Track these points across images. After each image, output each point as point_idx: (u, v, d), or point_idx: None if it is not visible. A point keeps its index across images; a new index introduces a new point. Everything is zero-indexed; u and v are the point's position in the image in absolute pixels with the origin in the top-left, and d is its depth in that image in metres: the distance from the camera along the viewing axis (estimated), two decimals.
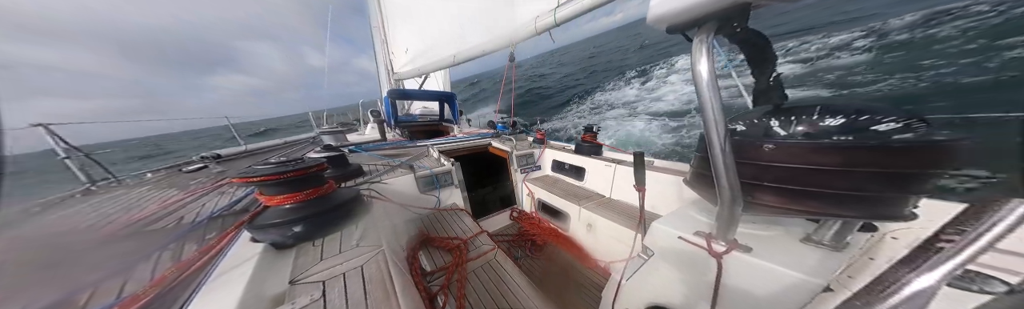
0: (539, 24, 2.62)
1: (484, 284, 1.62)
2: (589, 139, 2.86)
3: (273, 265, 1.14)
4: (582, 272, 2.38)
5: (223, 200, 2.09)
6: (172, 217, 1.86)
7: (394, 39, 6.13)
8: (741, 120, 0.81)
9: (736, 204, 0.74)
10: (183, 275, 1.06)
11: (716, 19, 0.65)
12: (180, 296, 0.99)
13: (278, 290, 1.01)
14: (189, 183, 2.70)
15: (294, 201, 1.28)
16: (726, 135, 0.68)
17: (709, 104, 0.67)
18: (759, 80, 0.82)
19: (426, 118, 5.88)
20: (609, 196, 2.61)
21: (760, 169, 0.71)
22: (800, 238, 0.83)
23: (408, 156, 3.04)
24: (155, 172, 3.40)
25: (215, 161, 3.46)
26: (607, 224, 2.22)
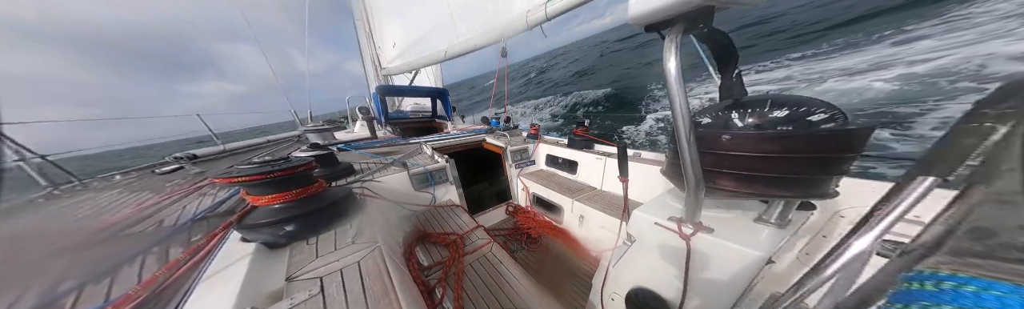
0: (530, 18, 2.55)
1: (481, 277, 1.64)
2: (581, 133, 2.86)
3: (267, 263, 1.12)
4: (576, 262, 2.42)
5: (206, 201, 2.01)
6: (151, 220, 1.78)
7: (380, 33, 5.85)
8: (708, 113, 0.86)
9: (700, 189, 0.81)
10: (174, 275, 1.05)
11: (684, 20, 0.71)
12: (173, 296, 0.98)
13: (275, 287, 1.00)
14: (164, 185, 2.56)
15: (283, 201, 1.25)
16: (691, 127, 0.75)
17: (677, 98, 0.73)
18: (724, 76, 0.90)
19: (418, 115, 5.75)
20: (600, 188, 2.64)
21: (720, 157, 0.78)
22: (753, 218, 0.92)
23: (400, 154, 2.98)
24: (124, 174, 3.16)
25: (191, 162, 3.28)
26: (597, 215, 2.26)
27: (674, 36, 0.71)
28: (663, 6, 0.67)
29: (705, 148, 0.79)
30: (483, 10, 3.21)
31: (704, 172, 0.79)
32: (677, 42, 0.71)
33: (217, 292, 0.92)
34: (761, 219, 0.90)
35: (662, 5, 0.67)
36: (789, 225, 0.87)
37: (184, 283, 1.04)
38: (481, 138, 3.56)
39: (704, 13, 0.69)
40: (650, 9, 0.70)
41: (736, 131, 0.76)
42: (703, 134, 0.79)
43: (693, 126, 0.75)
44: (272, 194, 1.24)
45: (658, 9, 0.69)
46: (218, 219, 1.71)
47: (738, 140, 0.75)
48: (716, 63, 0.90)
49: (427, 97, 5.33)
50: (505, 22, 2.85)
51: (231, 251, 1.15)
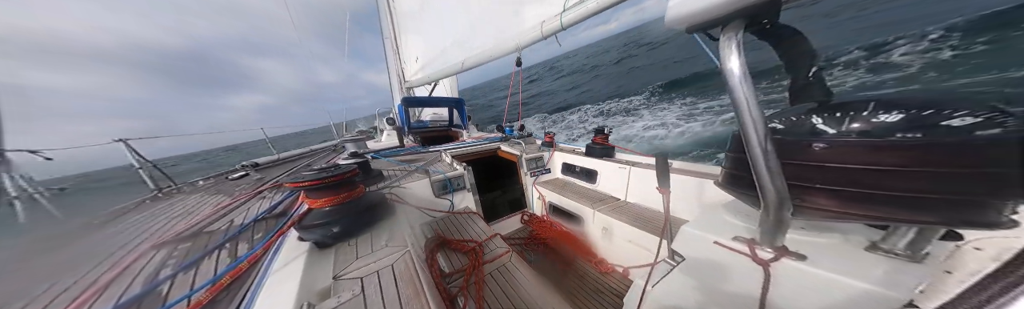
0: (545, 28, 2.55)
1: (501, 287, 1.57)
2: (600, 141, 2.74)
3: (318, 262, 1.21)
4: (599, 277, 2.26)
5: (264, 204, 2.26)
6: (224, 220, 2.05)
7: (405, 49, 6.19)
8: (777, 118, 0.73)
9: (784, 208, 0.66)
10: (252, 266, 1.22)
11: (743, 17, 0.60)
12: (248, 286, 1.11)
13: (324, 285, 1.07)
14: (234, 189, 2.93)
15: (332, 203, 1.38)
16: (767, 134, 0.62)
17: (744, 102, 0.62)
18: (796, 77, 0.74)
19: (437, 124, 5.88)
20: (624, 199, 2.48)
21: (809, 170, 0.64)
22: (864, 246, 0.72)
23: (422, 161, 3.03)
24: (205, 180, 3.66)
25: (254, 169, 3.78)
26: (625, 228, 2.10)
27: (733, 34, 0.61)
28: (717, 4, 0.57)
29: (785, 158, 0.65)
30: (498, 22, 3.28)
31: (791, 186, 0.65)
32: (739, 40, 0.61)
33: (283, 286, 1.02)
34: (878, 248, 0.69)
35: (715, 3, 0.58)
36: (927, 259, 0.66)
37: (254, 275, 1.16)
38: (496, 146, 3.53)
39: (769, 8, 0.59)
40: (699, 8, 0.60)
41: (833, 138, 0.61)
42: (783, 142, 0.65)
43: (768, 132, 0.62)
44: (326, 197, 1.36)
45: (710, 7, 0.59)
46: (274, 220, 1.90)
47: (838, 149, 0.59)
48: (785, 62, 0.75)
49: (445, 107, 5.47)
50: (520, 33, 2.88)
51: (290, 248, 1.28)
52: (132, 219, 2.40)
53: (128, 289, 1.28)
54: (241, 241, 1.63)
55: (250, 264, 1.24)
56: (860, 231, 0.78)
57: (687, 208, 1.79)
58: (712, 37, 0.66)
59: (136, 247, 1.76)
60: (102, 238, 2.05)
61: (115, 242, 1.92)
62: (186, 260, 1.47)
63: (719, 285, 0.89)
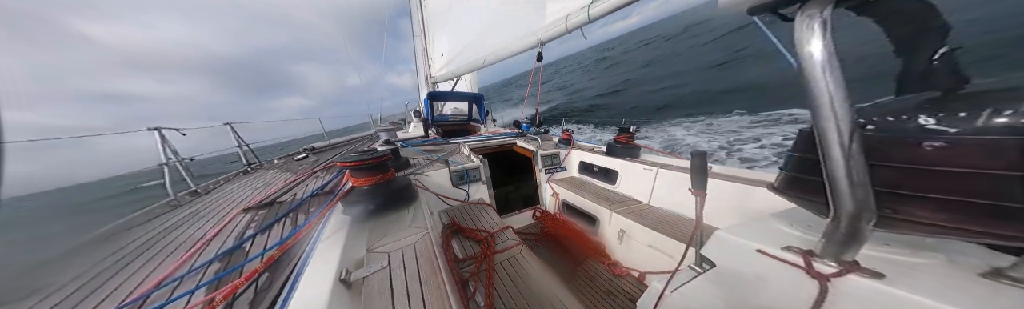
0: (570, 22, 2.44)
1: (511, 277, 1.58)
2: (624, 140, 2.58)
3: (356, 234, 1.34)
4: (612, 279, 2.15)
5: (317, 182, 2.64)
6: (289, 193, 2.45)
7: (432, 46, 6.29)
8: (876, 113, 0.58)
9: (862, 218, 0.55)
10: (308, 232, 1.41)
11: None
12: (305, 248, 1.26)
13: (359, 255, 1.19)
14: (298, 168, 3.52)
15: (370, 183, 1.53)
16: (852, 130, 0.51)
17: (826, 94, 0.52)
18: (911, 61, 0.59)
19: (457, 118, 5.98)
20: (647, 202, 2.32)
21: (913, 174, 0.52)
22: (980, 272, 0.58)
23: (443, 152, 3.11)
24: (279, 159, 4.55)
25: (313, 152, 4.61)
26: (645, 231, 1.97)
27: (818, 10, 0.49)
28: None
29: (882, 160, 0.53)
30: (521, 18, 3.19)
31: (879, 193, 0.54)
32: (826, 17, 0.49)
33: (329, 253, 1.15)
34: (1004, 275, 0.55)
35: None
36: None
37: (309, 241, 1.32)
38: (512, 141, 3.48)
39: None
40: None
41: (963, 135, 0.47)
42: (878, 140, 0.54)
43: (855, 128, 0.51)
44: (365, 177, 1.52)
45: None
46: (324, 196, 2.20)
47: (965, 149, 0.47)
48: (896, 42, 0.61)
49: (466, 101, 5.52)
50: (542, 27, 2.79)
51: (336, 221, 1.45)
52: (229, 187, 3.00)
53: (224, 243, 1.61)
54: (300, 212, 1.96)
55: (306, 231, 1.44)
56: (976, 254, 0.62)
57: (724, 217, 1.62)
58: (785, 17, 0.55)
59: (231, 210, 2.18)
60: (211, 200, 2.57)
61: (219, 204, 2.42)
62: (263, 224, 1.81)
63: (753, 297, 0.78)
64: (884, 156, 0.53)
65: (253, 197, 2.46)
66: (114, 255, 1.59)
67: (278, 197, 2.34)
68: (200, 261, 1.41)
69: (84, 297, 1.21)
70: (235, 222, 1.91)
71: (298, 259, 1.20)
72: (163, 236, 1.81)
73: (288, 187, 2.60)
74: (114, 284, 1.29)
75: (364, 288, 0.99)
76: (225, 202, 2.46)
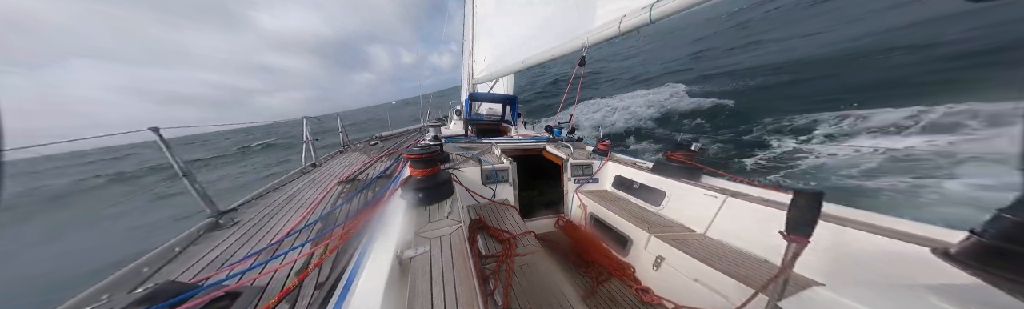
0: (624, 24, 2.23)
1: (530, 281, 1.57)
2: (681, 158, 2.21)
3: (408, 217, 1.48)
4: (636, 305, 1.92)
5: (380, 166, 3.31)
6: (364, 173, 3.13)
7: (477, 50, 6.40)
8: None
9: None
10: (379, 208, 1.65)
11: None
12: (375, 223, 1.46)
13: (409, 237, 1.29)
14: (371, 151, 4.44)
15: (423, 174, 1.67)
16: None
17: None
18: None
19: (491, 118, 6.03)
20: (703, 233, 1.99)
21: None
22: None
23: (477, 150, 3.14)
24: (361, 143, 5.41)
25: (382, 140, 5.65)
26: (692, 264, 1.68)
27: None
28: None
29: None
30: (567, 21, 3.04)
31: None
32: None
33: (390, 228, 1.31)
34: None
35: None
36: None
37: (376, 216, 1.55)
38: (542, 146, 3.33)
39: None
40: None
41: None
42: None
43: None
44: (420, 168, 1.66)
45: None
46: (384, 179, 2.74)
47: None
48: None
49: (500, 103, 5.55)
50: (589, 30, 2.61)
51: (395, 203, 1.65)
52: (331, 163, 3.90)
53: (325, 208, 2.09)
54: (370, 190, 2.47)
55: (374, 208, 1.69)
56: None
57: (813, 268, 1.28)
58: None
59: (331, 181, 2.82)
60: (321, 171, 3.42)
61: (325, 176, 3.17)
62: (348, 196, 2.36)
63: None
64: None
65: (343, 172, 3.17)
66: (272, 205, 2.33)
67: (358, 175, 2.99)
68: (311, 219, 1.94)
69: (253, 234, 1.81)
70: (333, 191, 2.54)
71: (368, 232, 1.41)
72: (295, 196, 2.55)
73: (364, 167, 3.33)
74: (268, 228, 1.89)
75: (411, 268, 1.08)
76: (329, 175, 3.19)
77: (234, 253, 1.56)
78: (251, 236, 1.73)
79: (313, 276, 1.28)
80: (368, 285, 0.94)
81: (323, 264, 1.31)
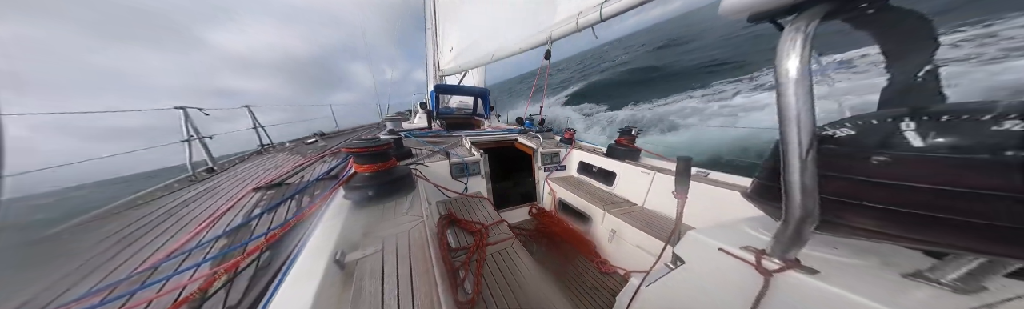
0: (581, 20, 2.33)
1: (500, 269, 1.60)
2: (625, 143, 2.53)
3: (354, 218, 1.35)
4: (599, 277, 2.17)
5: (324, 167, 2.65)
6: (297, 175, 2.48)
7: (442, 39, 6.11)
8: (855, 123, 0.59)
9: (807, 222, 0.60)
10: (311, 214, 1.43)
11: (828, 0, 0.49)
12: (306, 228, 1.28)
13: (355, 238, 1.20)
14: (307, 152, 3.54)
15: (371, 170, 1.54)
16: (811, 143, 0.55)
17: (794, 106, 0.55)
18: (897, 76, 0.61)
19: (462, 112, 5.91)
20: (642, 205, 2.31)
21: (859, 185, 0.56)
22: (904, 272, 0.63)
23: (446, 144, 3.08)
24: (291, 142, 4.45)
25: (322, 137, 4.62)
26: (635, 232, 1.98)
27: (804, 24, 0.51)
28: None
29: (833, 170, 0.57)
30: (533, 14, 3.05)
31: (827, 201, 0.58)
32: (809, 32, 0.51)
33: (329, 233, 1.17)
34: (921, 275, 0.60)
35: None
36: (979, 293, 0.56)
37: (311, 221, 1.33)
38: (514, 137, 3.42)
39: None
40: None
41: (903, 152, 0.51)
42: (836, 153, 0.57)
43: (814, 142, 0.55)
44: (367, 164, 1.53)
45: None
46: (329, 180, 2.19)
47: (907, 165, 0.50)
48: (888, 56, 0.62)
49: (472, 96, 5.43)
50: (552, 25, 2.67)
51: (337, 204, 1.46)
52: (243, 166, 3.03)
53: (233, 220, 1.61)
54: (305, 194, 1.95)
55: (309, 213, 1.47)
56: (909, 259, 0.68)
57: (708, 220, 1.63)
58: (779, 26, 0.55)
59: (243, 188, 2.16)
60: (225, 178, 2.58)
61: (232, 183, 2.41)
62: (270, 204, 1.81)
63: (713, 291, 0.85)
64: (836, 168, 0.57)
65: (264, 177, 2.48)
66: (129, 226, 1.60)
67: (287, 179, 2.37)
68: (209, 236, 1.43)
69: (97, 266, 1.22)
70: (245, 200, 1.92)
71: (299, 239, 1.23)
72: (177, 210, 1.82)
73: (296, 169, 2.64)
74: (126, 254, 1.30)
75: (357, 270, 1.00)
76: (238, 181, 2.46)
77: (65, 291, 1.06)
78: (92, 268, 1.19)
79: (218, 299, 1.00)
80: (293, 295, 0.84)
81: (235, 283, 1.05)
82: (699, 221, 1.68)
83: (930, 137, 0.49)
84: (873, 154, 0.53)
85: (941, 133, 0.48)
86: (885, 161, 0.51)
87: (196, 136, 2.87)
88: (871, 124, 0.56)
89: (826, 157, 0.56)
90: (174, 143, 2.79)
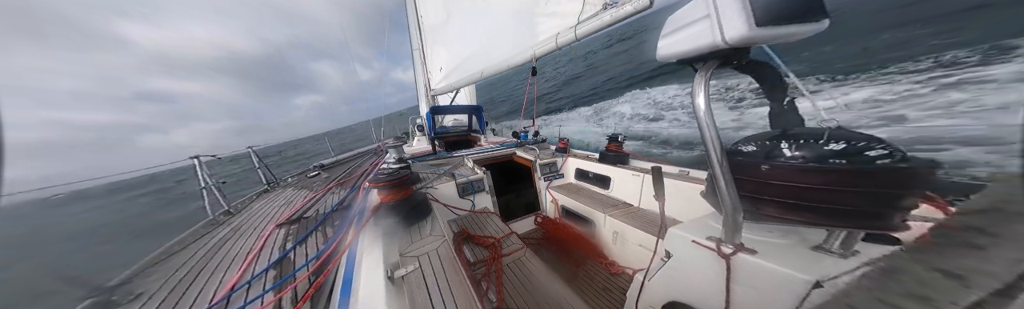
0: (560, 40, 2.51)
1: (518, 277, 1.70)
2: (615, 149, 2.66)
3: (389, 242, 1.47)
4: (607, 277, 2.22)
5: (334, 198, 2.84)
6: (313, 209, 2.62)
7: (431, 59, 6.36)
8: (753, 141, 0.82)
9: (737, 213, 0.78)
10: (345, 241, 1.53)
11: (716, 57, 0.72)
12: (344, 255, 1.40)
13: (395, 259, 1.34)
14: (313, 185, 3.67)
15: (395, 199, 1.68)
16: (723, 157, 0.74)
17: (708, 131, 0.73)
18: (773, 105, 0.85)
19: (457, 129, 6.01)
20: (638, 205, 2.42)
21: (761, 185, 0.75)
22: (811, 246, 0.84)
23: (449, 165, 3.15)
24: (293, 177, 4.51)
25: (322, 169, 4.66)
26: (635, 232, 2.07)
27: (705, 72, 0.71)
28: (693, 48, 0.69)
29: (746, 175, 0.76)
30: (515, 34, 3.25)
31: (746, 197, 0.77)
32: (707, 78, 0.71)
33: (373, 256, 1.28)
34: (821, 248, 0.82)
35: (692, 47, 0.69)
36: (855, 256, 0.78)
37: (350, 247, 1.44)
38: (512, 151, 3.53)
39: (736, 53, 0.69)
40: (681, 50, 0.72)
41: (776, 162, 0.73)
42: (742, 163, 0.77)
43: (725, 155, 0.74)
44: (391, 195, 1.66)
45: (688, 51, 0.71)
46: (343, 211, 2.33)
47: (778, 171, 0.71)
48: (764, 91, 0.86)
49: (466, 113, 5.57)
50: (535, 44, 2.85)
51: (369, 231, 1.57)
52: (255, 205, 3.13)
53: (272, 254, 1.77)
54: (327, 225, 2.11)
55: (341, 240, 1.58)
56: (816, 234, 0.86)
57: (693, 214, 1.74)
58: (694, 69, 0.76)
59: (266, 226, 2.30)
60: (244, 218, 2.68)
61: (252, 222, 2.54)
62: (298, 237, 1.96)
63: (696, 277, 1.00)
64: (747, 172, 0.76)
65: (281, 214, 2.62)
66: (184, 266, 1.79)
67: (304, 213, 2.52)
68: (257, 270, 1.61)
69: (177, 300, 1.45)
70: (274, 236, 2.09)
71: (336, 264, 1.38)
72: (214, 252, 1.98)
73: (310, 203, 2.80)
74: (195, 289, 1.52)
75: (406, 284, 1.17)
76: (257, 219, 2.59)
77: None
78: (174, 303, 1.41)
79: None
80: (369, 306, 0.98)
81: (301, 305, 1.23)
82: (686, 216, 1.77)
83: (792, 151, 0.72)
84: (761, 163, 0.73)
85: (798, 148, 0.71)
86: (768, 168, 0.72)
87: (211, 183, 3.00)
88: (764, 142, 0.78)
89: (738, 166, 0.75)
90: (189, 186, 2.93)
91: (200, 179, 2.98)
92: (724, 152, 0.74)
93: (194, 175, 3.03)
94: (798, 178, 0.68)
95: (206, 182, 2.97)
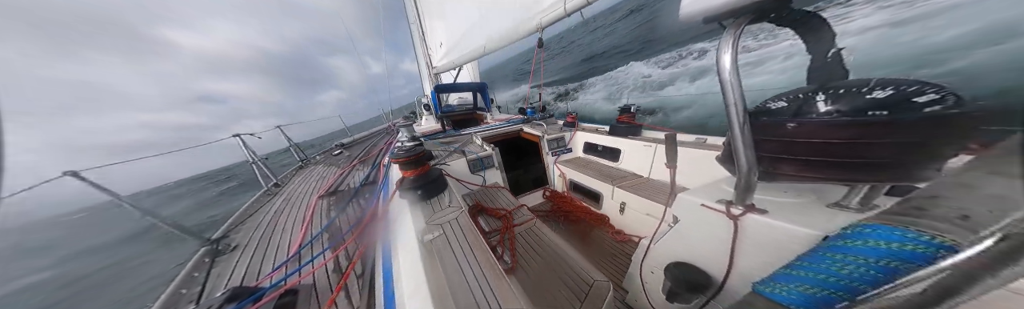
0: (569, 4, 2.32)
1: (530, 244, 1.84)
2: (626, 120, 2.63)
3: (415, 212, 1.62)
4: (614, 245, 2.35)
5: (359, 174, 3.26)
6: (344, 184, 3.01)
7: (430, 35, 6.00)
8: (785, 97, 0.76)
9: (752, 173, 0.77)
10: (384, 210, 1.81)
11: (752, 10, 0.66)
12: (382, 222, 1.70)
13: (421, 226, 1.47)
14: (339, 162, 4.19)
15: (416, 174, 1.78)
16: (746, 116, 0.72)
17: (731, 90, 0.71)
18: (814, 58, 0.80)
19: (463, 107, 5.95)
20: (648, 176, 2.47)
21: (785, 145, 0.73)
22: (828, 203, 0.82)
23: (458, 142, 3.23)
24: (321, 155, 5.08)
25: (343, 147, 5.36)
26: (642, 202, 2.15)
27: (736, 29, 0.67)
28: (726, 2, 0.64)
29: (766, 136, 0.74)
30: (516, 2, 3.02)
31: (764, 158, 0.76)
32: (738, 35, 0.67)
33: (405, 223, 1.49)
34: (838, 204, 0.80)
35: (725, 1, 0.64)
36: (872, 210, 0.76)
37: (384, 216, 1.74)
38: (519, 128, 3.52)
39: (778, 3, 0.65)
40: (712, 5, 0.67)
41: (804, 118, 0.68)
42: (764, 123, 0.74)
43: (747, 117, 0.73)
44: (411, 170, 1.77)
45: (720, 5, 0.66)
46: (371, 186, 2.74)
47: (806, 128, 0.68)
48: (806, 44, 0.80)
49: (470, 91, 5.45)
50: (540, 11, 2.65)
51: (396, 203, 1.80)
52: (297, 180, 3.58)
53: (322, 221, 2.12)
54: (359, 197, 2.49)
55: (375, 210, 1.88)
56: (834, 192, 0.85)
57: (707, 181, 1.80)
58: (723, 26, 0.70)
59: (311, 198, 2.69)
60: (291, 190, 3.12)
61: (299, 194, 2.97)
62: (338, 206, 2.35)
63: (703, 239, 1.02)
64: (770, 133, 0.74)
65: (320, 187, 3.05)
66: (259, 227, 2.22)
67: (337, 187, 2.94)
68: (313, 232, 1.99)
69: (264, 251, 1.83)
70: (318, 206, 2.49)
71: (375, 229, 1.69)
72: (278, 216, 2.42)
73: (341, 178, 3.21)
74: (274, 245, 1.90)
75: (433, 247, 1.29)
76: (302, 192, 3.03)
77: (259, 269, 1.62)
78: (263, 254, 1.78)
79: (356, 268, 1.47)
80: (407, 266, 1.14)
81: (355, 259, 1.50)
82: (699, 183, 1.82)
83: (828, 104, 0.66)
84: (787, 121, 0.70)
85: (835, 101, 0.65)
86: (795, 126, 0.69)
87: (256, 158, 3.39)
88: (797, 96, 0.73)
89: (761, 125, 0.74)
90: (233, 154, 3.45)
91: (247, 154, 3.37)
92: (746, 112, 0.72)
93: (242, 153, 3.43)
94: (827, 134, 0.64)
95: (252, 157, 3.35)
